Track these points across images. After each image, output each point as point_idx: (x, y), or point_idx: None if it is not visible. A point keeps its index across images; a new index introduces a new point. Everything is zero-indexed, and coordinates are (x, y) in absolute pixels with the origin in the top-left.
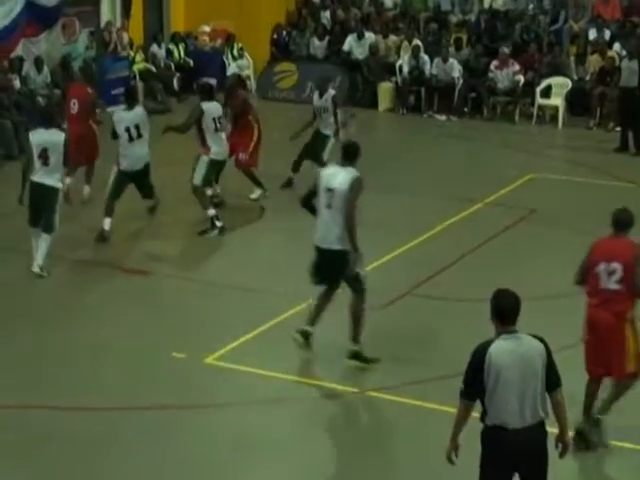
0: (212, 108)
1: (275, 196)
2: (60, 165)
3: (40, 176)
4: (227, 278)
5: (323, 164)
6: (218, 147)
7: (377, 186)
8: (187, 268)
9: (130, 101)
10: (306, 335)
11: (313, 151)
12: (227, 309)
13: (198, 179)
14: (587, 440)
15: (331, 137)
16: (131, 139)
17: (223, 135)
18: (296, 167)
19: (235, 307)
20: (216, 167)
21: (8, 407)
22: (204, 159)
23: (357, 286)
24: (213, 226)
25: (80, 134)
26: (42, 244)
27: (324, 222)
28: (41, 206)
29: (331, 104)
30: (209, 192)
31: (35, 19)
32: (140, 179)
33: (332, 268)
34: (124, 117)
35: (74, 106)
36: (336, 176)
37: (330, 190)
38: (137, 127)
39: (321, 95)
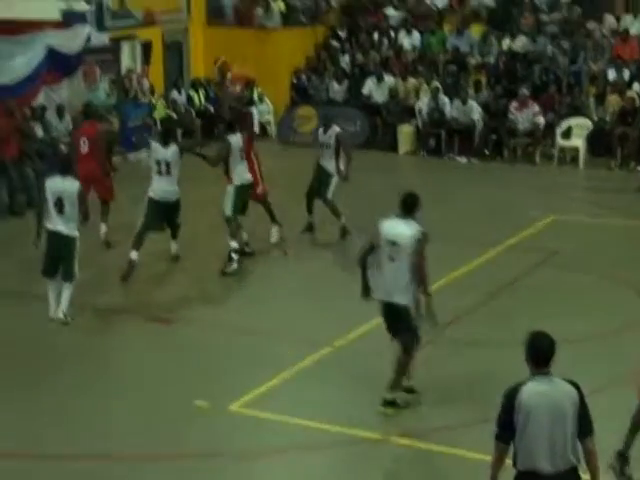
0: (236, 140)
1: (296, 240)
2: (75, 214)
3: (55, 224)
4: (249, 323)
5: (329, 203)
6: (242, 174)
7: None
8: (209, 314)
9: (165, 139)
10: (393, 402)
11: (318, 190)
12: (249, 355)
13: (228, 209)
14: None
15: (334, 175)
16: (160, 173)
17: (246, 164)
18: (309, 209)
19: (257, 353)
20: (243, 193)
21: (25, 456)
22: (230, 189)
23: (412, 341)
24: (231, 259)
25: (91, 173)
26: (65, 292)
27: (388, 276)
28: (58, 255)
29: (334, 141)
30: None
31: (56, 67)
32: (171, 213)
33: (398, 322)
34: (158, 150)
35: (84, 145)
36: (397, 229)
37: (393, 244)
38: (167, 164)
39: (325, 131)
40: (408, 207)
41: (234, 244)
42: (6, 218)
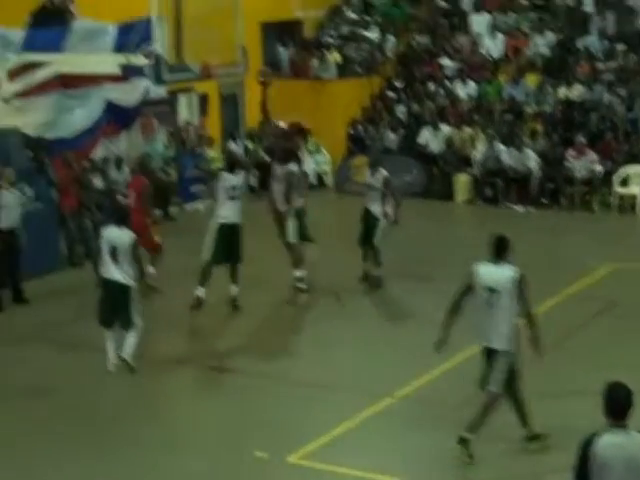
0: (297, 169)
1: (353, 290)
2: (129, 263)
3: (111, 273)
4: (307, 374)
5: (375, 248)
6: (300, 199)
7: (455, 279)
8: (267, 363)
9: (231, 167)
10: (466, 444)
11: (366, 235)
12: (308, 405)
13: (292, 235)
14: None
15: (381, 219)
16: (232, 198)
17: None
18: (365, 257)
19: (317, 403)
20: (301, 216)
21: None
22: (291, 214)
23: (503, 386)
24: (300, 289)
25: (136, 226)
26: (129, 339)
27: (488, 322)
28: (115, 304)
29: (382, 185)
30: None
31: (114, 120)
32: (235, 236)
33: (493, 365)
34: (227, 178)
35: (131, 198)
36: (493, 274)
37: (491, 290)
38: (238, 189)
39: (373, 173)
40: (500, 250)
41: (299, 273)
42: (65, 269)
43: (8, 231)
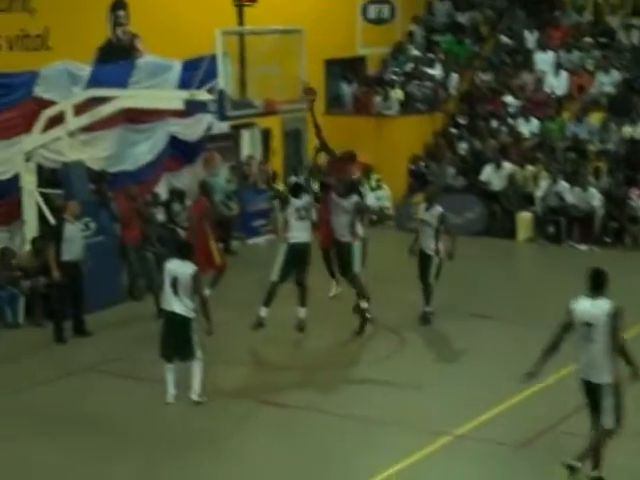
0: (357, 200)
1: (413, 327)
2: (189, 295)
3: (171, 304)
4: (365, 410)
5: (429, 286)
6: (361, 230)
7: (517, 318)
8: (324, 398)
9: (297, 192)
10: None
11: (422, 272)
12: (365, 442)
13: (356, 266)
14: None
15: (434, 257)
16: (301, 218)
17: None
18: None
19: (374, 441)
20: (365, 247)
21: None
22: (356, 245)
23: (614, 422)
24: (365, 319)
25: (200, 246)
26: (194, 372)
27: (586, 356)
28: (175, 335)
29: (436, 221)
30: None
31: (177, 154)
32: (304, 255)
33: (599, 401)
34: (296, 203)
35: (193, 220)
36: (590, 309)
37: (589, 325)
38: (306, 209)
39: (428, 208)
40: (597, 284)
41: (364, 304)
42: (126, 302)
43: (72, 263)
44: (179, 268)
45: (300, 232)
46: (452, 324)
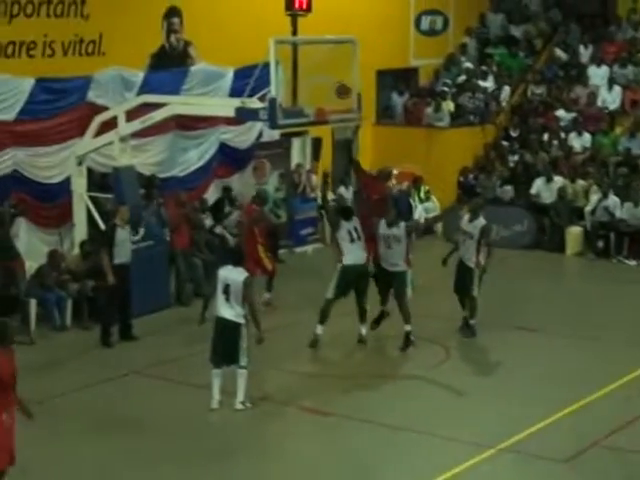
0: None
1: (458, 338)
2: (240, 302)
3: (222, 311)
4: (407, 420)
5: (472, 299)
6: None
7: (563, 332)
8: (367, 409)
9: (347, 214)
10: None
11: (463, 285)
12: (407, 453)
13: (409, 292)
14: None
15: (475, 269)
16: (352, 241)
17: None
18: (464, 306)
19: (416, 452)
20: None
21: None
22: (409, 272)
23: None
24: (409, 341)
25: (250, 250)
26: (239, 380)
27: None
28: (224, 340)
29: (478, 233)
30: None
31: (228, 161)
32: (360, 278)
33: None
34: (345, 225)
35: (242, 225)
36: None
37: None
38: (356, 230)
39: (471, 220)
40: None
41: (409, 327)
42: (173, 306)
43: (121, 267)
44: (231, 275)
45: (354, 254)
46: (497, 336)
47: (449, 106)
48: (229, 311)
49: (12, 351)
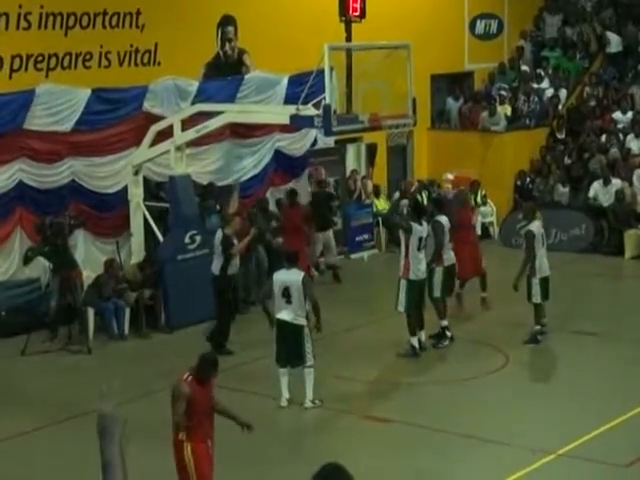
0: (446, 221)
1: (517, 344)
2: (303, 302)
3: (284, 314)
4: (466, 427)
5: (537, 306)
6: (450, 254)
7: (622, 336)
8: (426, 416)
9: (420, 215)
10: None
11: (528, 295)
12: (466, 459)
13: (437, 291)
14: None
15: (533, 276)
16: (419, 248)
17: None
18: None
19: (474, 458)
20: (451, 273)
21: None
22: (439, 270)
23: None
24: (444, 336)
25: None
26: (307, 379)
27: None
28: (287, 342)
29: (524, 237)
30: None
31: (283, 168)
32: (424, 288)
33: None
34: (418, 230)
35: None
36: None
37: None
38: (424, 238)
39: (525, 225)
40: None
41: (444, 322)
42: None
43: (232, 277)
44: (288, 277)
45: (421, 265)
46: (556, 341)
47: (506, 110)
48: (290, 314)
49: (212, 383)
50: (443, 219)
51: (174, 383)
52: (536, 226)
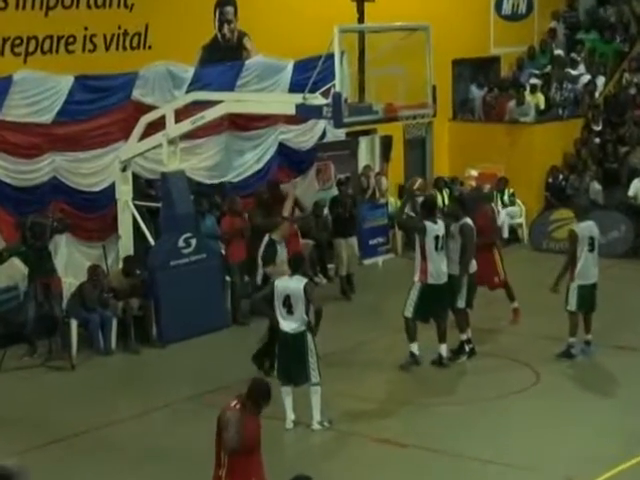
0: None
1: (549, 360)
2: (303, 311)
3: (285, 325)
4: (491, 452)
5: (569, 315)
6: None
7: None
8: (446, 439)
9: (432, 213)
10: None
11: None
12: None
13: (461, 302)
14: None
15: (570, 282)
16: (437, 248)
17: None
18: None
19: None
20: (473, 282)
21: None
22: (463, 281)
23: None
24: (462, 350)
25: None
26: (313, 398)
27: None
28: (291, 356)
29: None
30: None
31: (287, 164)
32: (443, 296)
33: None
34: (432, 227)
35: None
36: None
37: None
38: (440, 238)
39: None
40: None
41: (464, 336)
42: (229, 326)
43: None
44: (289, 284)
45: (438, 265)
46: (595, 357)
47: (536, 99)
48: (292, 324)
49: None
50: (471, 221)
51: (220, 412)
52: (583, 227)
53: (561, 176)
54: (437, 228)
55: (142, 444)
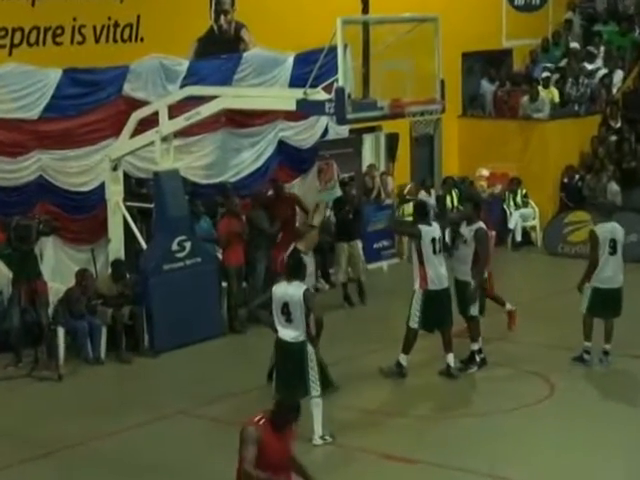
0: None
1: (564, 370)
2: (302, 319)
3: (283, 333)
4: (504, 469)
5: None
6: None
7: None
8: (457, 455)
9: (425, 216)
10: None
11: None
12: None
13: (474, 310)
14: None
15: (585, 288)
16: (435, 252)
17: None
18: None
19: None
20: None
21: None
22: (473, 285)
23: None
24: (472, 361)
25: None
26: (314, 411)
27: None
28: (289, 367)
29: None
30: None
31: (287, 162)
32: (445, 302)
33: None
34: (427, 230)
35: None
36: None
37: None
38: (437, 241)
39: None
40: None
41: (475, 346)
42: (225, 334)
43: None
44: (287, 291)
45: (440, 272)
46: (614, 367)
47: (550, 94)
48: (291, 333)
49: (291, 431)
50: (484, 226)
51: (242, 427)
52: (603, 229)
53: (577, 176)
54: (432, 230)
55: (133, 457)
